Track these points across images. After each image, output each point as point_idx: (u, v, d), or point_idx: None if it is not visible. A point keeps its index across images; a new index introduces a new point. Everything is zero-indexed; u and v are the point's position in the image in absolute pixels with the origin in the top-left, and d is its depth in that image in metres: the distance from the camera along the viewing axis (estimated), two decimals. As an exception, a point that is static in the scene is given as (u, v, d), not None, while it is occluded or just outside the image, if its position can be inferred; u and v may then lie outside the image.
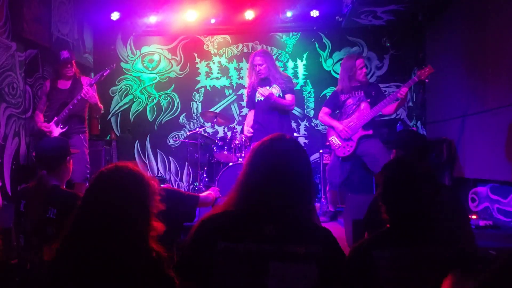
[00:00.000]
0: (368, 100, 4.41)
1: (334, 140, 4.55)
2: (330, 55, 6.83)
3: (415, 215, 1.68)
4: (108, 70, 4.36)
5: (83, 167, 4.30)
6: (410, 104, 6.57)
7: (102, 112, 4.95)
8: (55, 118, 4.28)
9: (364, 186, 5.09)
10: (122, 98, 6.97)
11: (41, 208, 2.31)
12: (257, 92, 4.64)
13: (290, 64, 6.91)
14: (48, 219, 2.29)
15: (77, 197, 2.34)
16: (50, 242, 2.12)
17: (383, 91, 4.68)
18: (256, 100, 4.74)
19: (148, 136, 6.94)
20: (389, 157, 4.29)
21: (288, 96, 4.62)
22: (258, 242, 1.37)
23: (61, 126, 4.27)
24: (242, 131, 6.26)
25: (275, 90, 4.59)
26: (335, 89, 4.85)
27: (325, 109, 4.71)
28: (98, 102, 4.41)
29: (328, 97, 5.16)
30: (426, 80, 4.26)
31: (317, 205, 5.40)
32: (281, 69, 5.31)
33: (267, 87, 4.59)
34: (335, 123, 4.54)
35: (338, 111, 4.70)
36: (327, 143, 4.88)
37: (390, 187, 1.76)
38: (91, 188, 1.59)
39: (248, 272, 1.35)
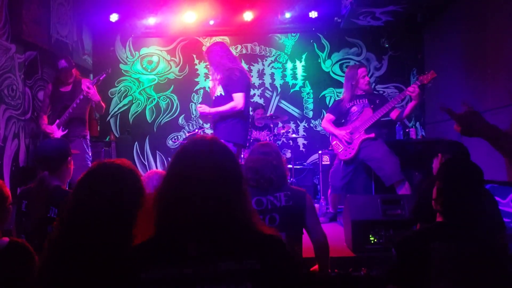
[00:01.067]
0: (372, 106, 4.43)
1: (337, 144, 4.58)
2: (329, 56, 6.85)
3: (473, 214, 1.71)
4: (104, 75, 4.38)
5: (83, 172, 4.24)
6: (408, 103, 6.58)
7: (98, 114, 4.92)
8: (57, 121, 4.31)
9: (364, 190, 5.10)
10: (121, 99, 6.98)
11: (43, 208, 2.34)
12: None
13: (289, 65, 6.92)
14: (49, 219, 2.32)
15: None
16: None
17: (388, 100, 4.67)
18: None
19: (147, 137, 6.94)
20: (394, 159, 4.31)
21: (235, 96, 3.86)
22: (181, 266, 1.19)
23: (62, 129, 4.29)
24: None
25: (219, 89, 4.03)
26: (333, 89, 4.86)
27: (329, 116, 4.70)
28: (101, 100, 4.43)
29: (332, 103, 5.19)
30: (429, 85, 4.28)
31: (316, 205, 5.41)
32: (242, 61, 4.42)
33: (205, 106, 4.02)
34: (337, 131, 4.55)
35: (343, 119, 4.70)
36: (330, 148, 4.89)
37: (454, 183, 1.78)
38: (81, 182, 1.59)
39: None
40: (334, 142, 4.61)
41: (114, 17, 6.44)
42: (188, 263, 1.20)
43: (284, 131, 6.01)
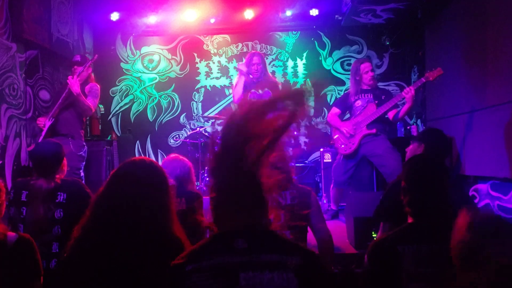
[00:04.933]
0: (376, 102, 4.42)
1: (338, 138, 4.58)
2: (330, 54, 6.84)
3: (440, 212, 1.68)
4: (90, 61, 4.40)
5: (70, 174, 4.05)
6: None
7: (99, 114, 4.89)
8: (50, 113, 4.34)
9: (366, 186, 5.10)
10: (123, 98, 6.98)
11: (50, 195, 2.49)
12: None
13: (290, 63, 6.91)
14: (57, 204, 2.49)
15: (82, 184, 2.66)
16: (59, 225, 2.43)
17: (393, 96, 4.65)
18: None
19: (149, 136, 6.95)
20: (395, 156, 4.30)
21: None
22: (227, 256, 1.28)
23: (50, 119, 4.29)
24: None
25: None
26: (334, 87, 4.86)
27: (335, 109, 4.71)
28: (82, 98, 4.30)
29: (339, 97, 5.23)
30: (434, 81, 4.27)
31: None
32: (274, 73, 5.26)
33: (260, 90, 4.61)
34: (340, 125, 4.56)
35: (348, 113, 4.70)
36: (331, 142, 4.89)
37: (417, 182, 1.76)
38: (109, 183, 1.63)
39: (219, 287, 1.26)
40: (336, 136, 4.60)
41: (114, 16, 6.44)
42: (233, 254, 1.28)
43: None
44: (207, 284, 1.25)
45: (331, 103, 6.60)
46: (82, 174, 4.40)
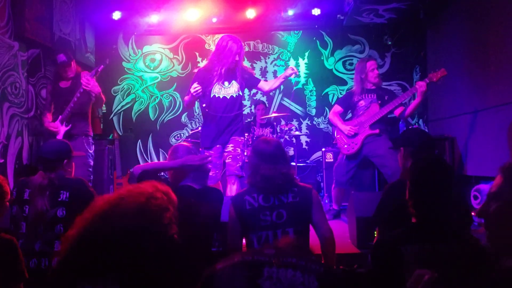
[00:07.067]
0: (379, 102, 4.41)
1: (340, 138, 4.57)
2: (332, 54, 6.84)
3: (444, 212, 1.69)
4: (102, 66, 4.34)
5: (84, 171, 4.28)
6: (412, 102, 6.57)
7: (101, 112, 4.91)
8: (60, 117, 4.31)
9: (368, 186, 5.10)
10: (124, 97, 6.98)
11: (52, 193, 2.50)
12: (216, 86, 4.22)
13: (292, 62, 6.91)
14: (60, 202, 2.50)
15: (86, 183, 2.65)
16: (62, 224, 2.43)
17: (396, 96, 4.65)
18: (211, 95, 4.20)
19: (150, 135, 6.95)
20: (396, 157, 4.29)
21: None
22: (255, 256, 1.36)
23: (65, 124, 4.30)
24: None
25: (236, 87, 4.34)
26: (336, 86, 4.85)
27: (337, 107, 4.69)
28: (101, 93, 4.43)
29: (343, 95, 5.23)
30: (438, 83, 4.26)
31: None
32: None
33: (226, 82, 4.32)
34: (342, 126, 4.54)
35: (350, 113, 4.69)
36: (334, 142, 4.88)
37: (422, 184, 1.76)
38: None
39: (244, 276, 1.32)
40: (338, 136, 4.59)
41: (116, 15, 6.44)
42: (261, 255, 1.35)
43: (287, 128, 6.00)
44: (233, 274, 1.33)
45: (333, 103, 6.60)
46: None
